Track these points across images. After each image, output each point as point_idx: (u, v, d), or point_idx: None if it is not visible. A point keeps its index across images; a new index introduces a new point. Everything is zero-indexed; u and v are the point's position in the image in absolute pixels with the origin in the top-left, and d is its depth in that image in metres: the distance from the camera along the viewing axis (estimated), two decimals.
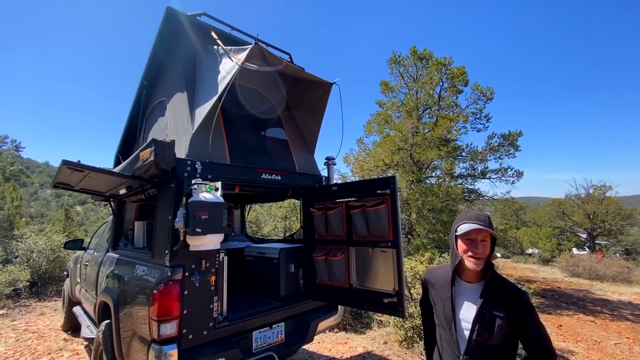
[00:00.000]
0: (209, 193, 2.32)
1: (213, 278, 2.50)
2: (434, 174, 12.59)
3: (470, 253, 1.52)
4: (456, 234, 1.59)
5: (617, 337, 6.27)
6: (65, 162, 2.43)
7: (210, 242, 2.29)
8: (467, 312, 1.56)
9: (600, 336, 6.33)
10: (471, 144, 11.68)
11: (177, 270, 2.34)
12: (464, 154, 11.47)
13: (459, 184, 11.46)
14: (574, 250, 24.83)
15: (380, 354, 4.73)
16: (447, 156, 10.58)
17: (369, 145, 13.05)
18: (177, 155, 2.48)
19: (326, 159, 3.56)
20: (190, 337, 2.37)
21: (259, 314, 2.86)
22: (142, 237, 3.65)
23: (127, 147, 4.36)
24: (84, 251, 4.93)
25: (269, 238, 5.01)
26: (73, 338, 5.19)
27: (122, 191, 3.31)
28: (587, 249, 25.60)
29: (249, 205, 5.49)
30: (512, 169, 11.64)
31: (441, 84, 11.37)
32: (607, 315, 8.09)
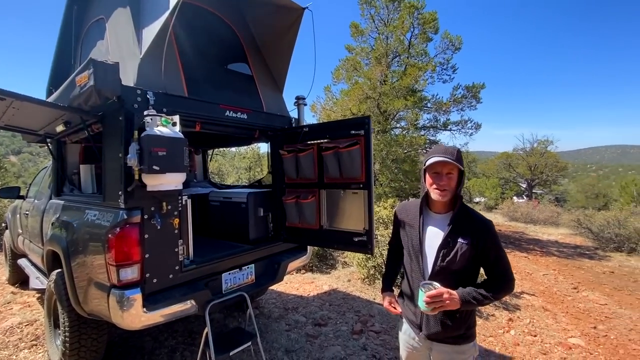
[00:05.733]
0: (165, 127, 2.05)
1: (176, 221, 2.33)
2: (398, 125, 12.75)
3: (434, 185, 1.58)
4: (424, 167, 1.64)
5: (545, 270, 7.27)
6: None
7: (170, 181, 2.07)
8: (434, 241, 1.64)
9: (532, 269, 7.29)
10: (437, 95, 11.81)
11: (134, 212, 2.14)
12: (429, 104, 11.61)
13: (422, 135, 11.75)
14: (515, 199, 27.66)
15: (344, 290, 5.04)
16: (413, 107, 10.63)
17: (336, 94, 12.67)
18: (124, 83, 2.13)
19: (296, 98, 3.31)
20: (154, 280, 2.25)
21: (227, 256, 2.80)
22: (90, 181, 3.30)
23: (60, 78, 3.71)
24: (22, 200, 4.43)
25: (235, 185, 4.82)
26: (22, 291, 4.87)
27: (60, 128, 2.86)
28: (525, 197, 28.63)
29: (211, 151, 5.16)
30: (471, 121, 12.10)
31: (412, 29, 10.98)
32: (538, 252, 9.29)
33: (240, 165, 19.05)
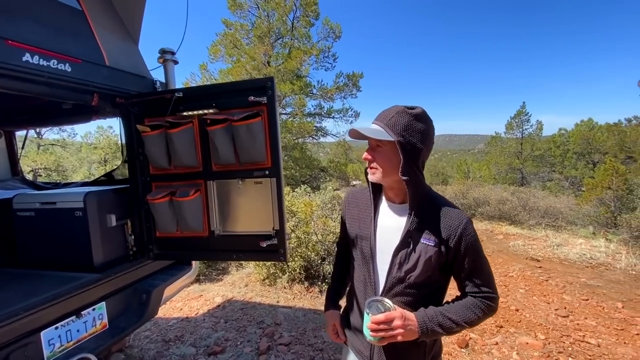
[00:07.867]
0: None
1: None
2: (284, 112, 12.37)
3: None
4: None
5: None
6: None
7: None
8: (389, 241, 1.15)
9: None
10: (322, 81, 11.92)
11: None
12: (314, 91, 11.60)
13: (309, 121, 11.71)
14: None
15: (241, 298, 4.29)
16: (300, 92, 10.38)
17: (214, 74, 11.25)
18: None
19: (161, 52, 2.30)
20: None
21: (49, 301, 1.68)
22: None
23: None
24: None
25: (68, 182, 3.33)
26: None
27: None
28: None
29: (26, 132, 3.43)
30: (352, 109, 12.80)
31: (294, 10, 10.60)
32: None
33: (92, 158, 15.17)
